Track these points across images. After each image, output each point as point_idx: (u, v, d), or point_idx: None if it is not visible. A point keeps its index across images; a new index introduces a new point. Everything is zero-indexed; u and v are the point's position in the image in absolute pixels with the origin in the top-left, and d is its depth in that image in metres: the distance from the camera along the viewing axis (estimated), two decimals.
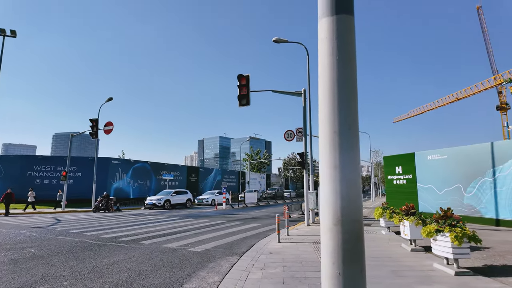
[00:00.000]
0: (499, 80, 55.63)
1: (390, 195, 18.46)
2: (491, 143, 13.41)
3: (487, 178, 13.29)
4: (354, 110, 1.70)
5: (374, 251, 8.00)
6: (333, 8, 1.74)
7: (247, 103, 14.82)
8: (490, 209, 13.05)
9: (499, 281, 5.36)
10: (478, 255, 7.39)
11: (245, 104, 14.87)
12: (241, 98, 14.62)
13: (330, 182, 1.62)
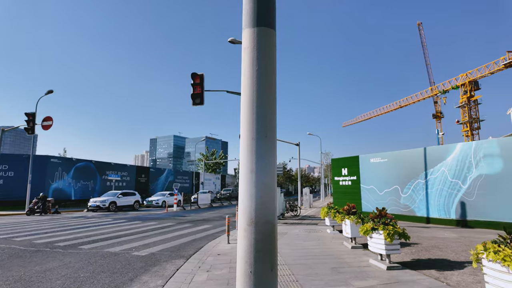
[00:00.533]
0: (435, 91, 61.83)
1: (337, 195, 19.49)
2: (424, 148, 14.83)
3: (420, 180, 14.66)
4: (272, 119, 1.78)
5: (318, 249, 8.37)
6: (254, 20, 1.80)
7: (200, 102, 14.61)
8: (422, 208, 14.42)
9: (423, 273, 5.94)
10: (408, 250, 8.10)
11: (198, 104, 14.63)
12: (195, 97, 14.36)
13: (247, 186, 1.67)
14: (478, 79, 52.82)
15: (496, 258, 4.00)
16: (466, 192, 12.74)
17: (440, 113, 65.90)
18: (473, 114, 54.29)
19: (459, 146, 13.37)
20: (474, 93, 53.88)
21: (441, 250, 7.99)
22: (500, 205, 11.63)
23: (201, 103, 14.60)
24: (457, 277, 5.64)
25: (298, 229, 12.69)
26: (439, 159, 13.96)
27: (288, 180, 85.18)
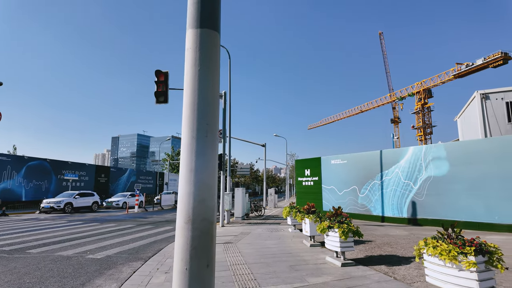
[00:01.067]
0: (393, 97, 65.62)
1: (300, 195, 19.99)
2: (380, 151, 15.71)
3: (376, 181, 15.51)
4: (213, 118, 1.83)
5: (278, 248, 8.56)
6: (198, 21, 1.85)
7: (164, 100, 14.27)
8: (377, 208, 15.26)
9: (374, 269, 6.32)
10: (362, 247, 8.55)
11: (162, 102, 14.29)
12: (159, 95, 14.01)
13: (186, 184, 1.72)
14: (431, 87, 56.91)
15: (435, 253, 4.37)
16: (417, 192, 13.69)
17: (397, 118, 70.01)
18: (426, 120, 58.37)
19: (411, 150, 14.34)
20: (428, 100, 57.99)
21: (391, 247, 8.53)
22: (446, 204, 12.65)
23: (165, 102, 14.27)
24: (404, 271, 6.06)
25: (261, 229, 12.86)
26: (394, 161, 14.87)
27: (255, 180, 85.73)
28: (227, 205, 15.15)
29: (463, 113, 27.31)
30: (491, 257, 4.06)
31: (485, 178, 11.65)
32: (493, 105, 21.86)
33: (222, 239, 10.41)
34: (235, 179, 71.44)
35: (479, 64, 46.32)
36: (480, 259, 4.01)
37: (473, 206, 11.83)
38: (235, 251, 8.31)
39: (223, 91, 15.96)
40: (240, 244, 9.41)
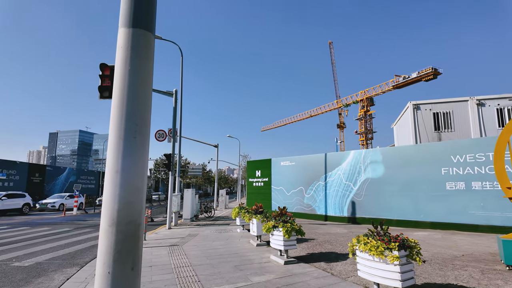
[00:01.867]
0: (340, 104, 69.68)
1: (250, 196, 20.27)
2: (325, 154, 16.62)
3: (321, 182, 16.36)
4: (144, 120, 1.82)
5: (225, 249, 8.61)
6: (130, 21, 1.83)
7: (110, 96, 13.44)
8: (321, 207, 16.11)
9: (314, 265, 6.68)
10: (305, 245, 8.98)
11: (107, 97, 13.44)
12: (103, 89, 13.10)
13: (111, 186, 1.69)
14: (373, 96, 61.62)
15: (365, 249, 4.77)
16: (356, 193, 14.75)
17: (343, 124, 74.47)
18: (368, 126, 63.00)
19: (352, 153, 15.41)
20: (370, 108, 62.66)
21: (331, 244, 9.09)
22: (381, 204, 13.83)
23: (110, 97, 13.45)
24: (340, 267, 6.51)
25: (210, 230, 12.78)
26: (337, 164, 15.84)
27: (207, 181, 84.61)
28: (175, 207, 14.78)
29: (399, 121, 30.07)
30: (411, 251, 4.56)
31: (414, 181, 12.99)
32: (423, 115, 24.43)
33: (168, 241, 10.14)
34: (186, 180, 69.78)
35: (414, 77, 51.39)
36: (402, 253, 4.48)
37: (403, 206, 13.10)
38: (181, 253, 8.16)
39: (174, 89, 15.56)
40: (187, 246, 9.26)
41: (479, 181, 11.37)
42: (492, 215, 10.85)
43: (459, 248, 8.24)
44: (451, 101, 24.12)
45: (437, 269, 6.12)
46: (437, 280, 5.43)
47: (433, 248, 8.32)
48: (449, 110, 24.01)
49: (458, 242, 9.24)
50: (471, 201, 11.40)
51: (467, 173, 11.68)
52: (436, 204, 12.24)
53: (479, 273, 5.82)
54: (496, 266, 6.32)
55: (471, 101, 23.29)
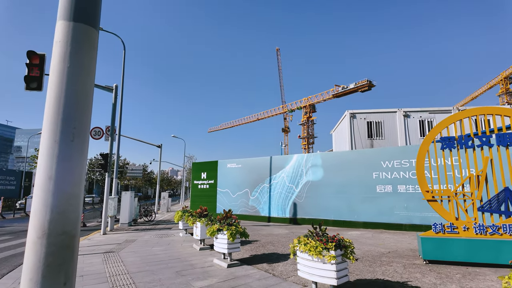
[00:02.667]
0: (285, 109, 72.21)
1: (195, 198, 19.84)
2: (270, 157, 17.07)
3: (265, 184, 16.74)
4: (84, 121, 1.67)
5: (166, 254, 8.28)
6: (71, 13, 1.68)
7: (38, 87, 12.02)
8: (265, 209, 16.47)
9: (256, 267, 6.79)
10: (249, 247, 9.08)
11: (35, 89, 12.02)
12: (30, 80, 11.67)
13: (43, 194, 1.52)
14: (315, 103, 65.16)
15: (305, 249, 4.99)
16: (298, 195, 15.41)
17: (287, 128, 77.28)
18: (310, 131, 66.35)
19: (295, 157, 16.08)
20: (312, 114, 66.12)
21: (274, 245, 9.34)
22: (320, 205, 14.64)
23: (38, 89, 11.99)
24: (282, 268, 6.71)
25: (150, 235, 12.18)
26: (281, 167, 16.37)
27: (148, 183, 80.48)
28: (112, 211, 13.79)
29: (337, 128, 32.25)
30: (346, 250, 4.90)
31: (349, 183, 14.02)
32: (358, 123, 26.55)
33: (103, 248, 9.40)
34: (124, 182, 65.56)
35: (351, 88, 55.66)
36: (338, 252, 4.79)
37: (339, 207, 14.05)
38: (117, 260, 7.63)
39: (114, 84, 14.57)
40: (124, 252, 8.69)
41: (403, 184, 12.72)
42: (414, 215, 12.22)
43: (386, 246, 9.10)
44: (383, 112, 26.65)
45: (367, 266, 6.68)
46: (367, 276, 5.92)
47: (364, 246, 9.06)
48: (380, 119, 26.49)
49: (385, 240, 10.20)
50: (397, 202, 12.70)
51: (394, 177, 12.99)
52: (367, 205, 13.36)
53: (402, 267, 6.49)
54: (416, 261, 7.12)
55: (399, 113, 26.02)
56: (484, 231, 6.60)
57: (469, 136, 7.23)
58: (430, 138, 7.63)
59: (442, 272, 6.05)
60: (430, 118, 25.62)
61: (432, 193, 7.36)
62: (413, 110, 26.05)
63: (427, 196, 7.38)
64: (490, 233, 6.55)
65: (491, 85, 59.42)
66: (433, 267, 6.46)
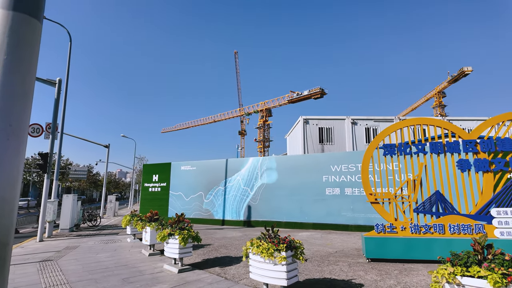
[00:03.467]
0: (242, 112, 72.61)
1: (145, 202, 18.98)
2: (226, 160, 17.02)
3: (220, 187, 16.63)
4: (21, 119, 1.51)
5: (112, 261, 7.81)
6: (11, 2, 1.51)
7: None
8: (219, 212, 16.35)
9: (208, 271, 6.71)
10: (201, 251, 8.94)
11: None
12: None
13: None
14: (271, 108, 66.53)
15: (257, 251, 5.06)
16: (252, 197, 15.56)
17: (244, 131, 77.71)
18: (266, 135, 67.50)
19: (251, 160, 16.24)
20: (268, 118, 67.38)
21: (227, 249, 9.30)
22: (273, 208, 14.94)
23: None
24: (234, 271, 6.72)
25: (94, 241, 11.39)
26: (237, 169, 16.41)
27: (93, 185, 75.09)
28: (51, 215, 12.64)
29: (291, 133, 33.26)
30: (296, 251, 5.07)
31: (301, 186, 14.53)
32: (310, 129, 27.67)
33: (39, 256, 8.56)
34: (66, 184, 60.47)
35: (305, 94, 57.89)
36: (289, 253, 4.94)
37: (291, 209, 14.48)
38: (55, 269, 7.01)
39: (58, 78, 13.44)
40: (63, 260, 8.01)
41: (350, 187, 13.52)
42: (359, 216, 13.04)
43: (333, 246, 9.58)
44: (333, 119, 28.11)
45: (316, 266, 6.97)
46: (316, 275, 6.19)
47: (313, 246, 9.45)
48: (331, 126, 27.91)
49: (333, 240, 10.74)
50: (344, 204, 13.45)
51: (342, 180, 13.75)
52: (317, 207, 13.96)
53: (347, 266, 6.89)
54: (360, 259, 7.60)
55: (347, 120, 27.65)
56: (418, 230, 7.29)
57: (407, 144, 7.95)
58: (374, 145, 8.24)
59: (382, 269, 6.55)
60: (375, 126, 27.63)
61: (375, 195, 7.94)
62: (360, 118, 27.87)
63: (371, 199, 7.94)
64: (423, 232, 7.24)
65: (428, 97, 65.96)
66: (375, 265, 6.95)
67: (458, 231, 7.03)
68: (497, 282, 3.14)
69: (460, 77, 58.19)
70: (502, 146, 7.27)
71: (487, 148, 7.35)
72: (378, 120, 27.86)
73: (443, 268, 3.55)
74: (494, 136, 7.45)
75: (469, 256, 3.57)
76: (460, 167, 7.49)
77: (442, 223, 7.17)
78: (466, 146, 7.50)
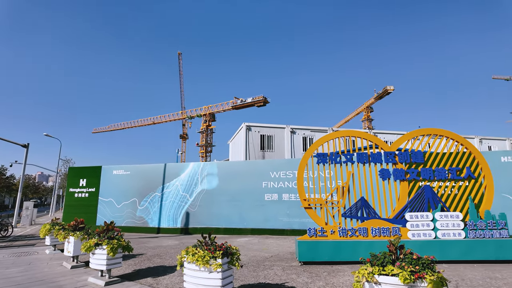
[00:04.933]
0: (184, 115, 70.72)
1: (70, 209, 17.16)
2: (165, 164, 16.35)
3: (157, 193, 15.89)
4: None
5: (25, 276, 6.88)
6: None
7: None
8: (155, 219, 15.58)
9: (140, 282, 6.33)
10: (132, 262, 8.39)
11: None
12: None
13: None
14: (215, 113, 66.17)
15: (193, 259, 4.95)
16: (191, 204, 15.19)
17: (186, 135, 75.74)
18: (208, 140, 66.75)
19: (191, 165, 15.88)
20: (211, 123, 66.84)
21: (161, 258, 8.90)
22: (213, 214, 14.77)
23: None
24: (167, 281, 6.44)
25: (3, 254, 9.91)
26: (175, 175, 15.88)
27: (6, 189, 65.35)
28: None
29: (234, 139, 33.47)
30: (232, 257, 5.08)
31: (241, 192, 14.66)
32: (253, 136, 28.21)
33: None
34: None
35: (249, 102, 58.92)
36: (225, 260, 4.93)
37: (231, 215, 14.49)
38: None
39: None
40: None
41: (287, 193, 14.07)
42: (294, 221, 13.61)
43: (269, 250, 9.83)
44: (274, 127, 29.09)
45: (252, 271, 7.07)
46: (251, 281, 6.27)
47: (250, 252, 9.57)
48: (272, 133, 28.82)
49: (269, 245, 11.02)
50: (281, 209, 13.93)
51: (280, 186, 14.25)
52: (256, 213, 14.22)
53: (281, 270, 7.13)
54: (293, 263, 7.93)
55: (287, 129, 28.87)
56: (346, 233, 7.89)
57: (338, 153, 8.60)
58: (309, 153, 8.74)
59: (313, 272, 6.92)
60: (311, 136, 29.32)
61: (308, 201, 8.40)
62: (298, 128, 29.33)
63: (304, 204, 8.38)
64: (350, 235, 7.87)
65: (358, 111, 72.34)
66: (307, 268, 7.32)
67: (379, 233, 7.79)
68: (406, 278, 3.56)
69: (384, 95, 65.23)
70: (415, 158, 8.32)
71: (404, 159, 8.35)
72: (314, 130, 29.63)
73: (363, 268, 3.91)
74: (409, 149, 8.49)
75: (385, 256, 3.99)
76: (382, 176, 8.37)
77: (365, 227, 7.88)
78: (387, 157, 8.42)
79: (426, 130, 8.64)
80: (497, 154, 12.71)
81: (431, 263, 3.74)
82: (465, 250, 7.48)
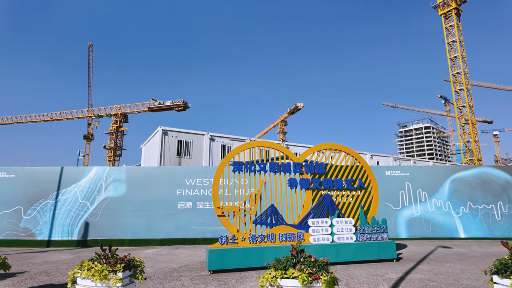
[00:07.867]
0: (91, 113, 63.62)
1: None
2: (62, 168, 14.33)
3: (50, 200, 13.77)
4: None
5: None
6: None
7: None
8: (45, 231, 13.43)
9: None
10: (10, 282, 7.03)
11: None
12: None
13: None
14: (128, 113, 61.42)
15: (88, 275, 4.43)
16: (92, 213, 13.62)
17: (91, 135, 68.16)
18: (118, 142, 61.38)
19: (94, 170, 14.30)
20: (123, 124, 61.75)
21: (49, 275, 7.68)
22: (117, 224, 13.51)
23: None
24: None
25: None
26: (75, 180, 14.05)
27: None
28: None
29: (148, 142, 31.58)
30: (135, 270, 4.73)
31: (152, 200, 13.83)
32: (169, 141, 27.13)
33: None
34: None
35: (167, 105, 56.59)
36: (126, 274, 4.55)
37: (138, 225, 13.50)
38: None
39: None
40: None
41: (202, 201, 13.88)
42: (207, 229, 13.47)
43: (179, 261, 9.48)
44: (193, 133, 28.55)
45: (157, 284, 6.69)
46: None
47: (158, 263, 9.06)
48: (190, 139, 28.20)
49: (179, 255, 10.63)
50: (194, 218, 13.63)
51: (195, 194, 13.98)
52: (167, 222, 13.58)
53: (190, 280, 6.94)
54: (203, 272, 7.80)
55: (206, 136, 28.69)
56: (255, 240, 8.17)
57: (252, 162, 8.93)
58: (226, 161, 8.85)
59: (221, 280, 6.93)
60: (229, 144, 29.76)
61: (222, 208, 8.45)
62: (217, 135, 29.45)
63: (218, 212, 8.40)
64: (259, 242, 8.18)
65: (275, 124, 76.71)
66: (216, 276, 7.29)
67: (285, 239, 8.31)
68: (304, 280, 3.87)
69: (296, 111, 70.98)
70: (318, 169, 9.22)
71: (309, 170, 9.16)
72: (233, 138, 30.17)
73: (268, 273, 4.10)
74: (314, 161, 9.37)
75: (287, 260, 4.26)
76: (290, 185, 9.00)
77: (273, 233, 8.32)
78: (295, 168, 9.11)
79: (328, 144, 9.69)
80: (382, 168, 15.04)
81: (326, 265, 4.16)
82: (355, 251, 8.56)
